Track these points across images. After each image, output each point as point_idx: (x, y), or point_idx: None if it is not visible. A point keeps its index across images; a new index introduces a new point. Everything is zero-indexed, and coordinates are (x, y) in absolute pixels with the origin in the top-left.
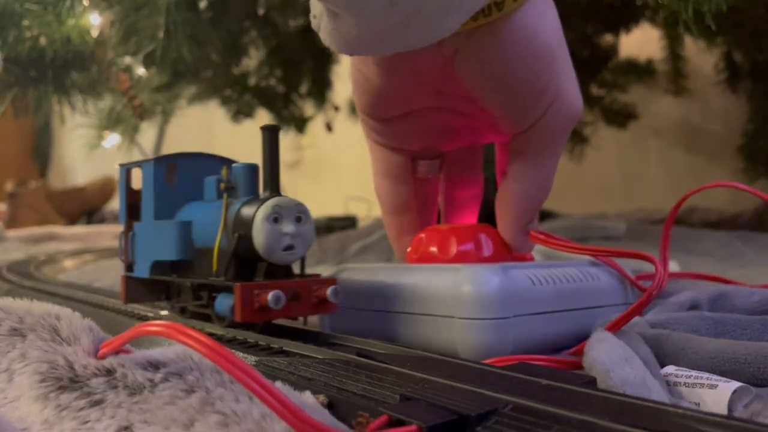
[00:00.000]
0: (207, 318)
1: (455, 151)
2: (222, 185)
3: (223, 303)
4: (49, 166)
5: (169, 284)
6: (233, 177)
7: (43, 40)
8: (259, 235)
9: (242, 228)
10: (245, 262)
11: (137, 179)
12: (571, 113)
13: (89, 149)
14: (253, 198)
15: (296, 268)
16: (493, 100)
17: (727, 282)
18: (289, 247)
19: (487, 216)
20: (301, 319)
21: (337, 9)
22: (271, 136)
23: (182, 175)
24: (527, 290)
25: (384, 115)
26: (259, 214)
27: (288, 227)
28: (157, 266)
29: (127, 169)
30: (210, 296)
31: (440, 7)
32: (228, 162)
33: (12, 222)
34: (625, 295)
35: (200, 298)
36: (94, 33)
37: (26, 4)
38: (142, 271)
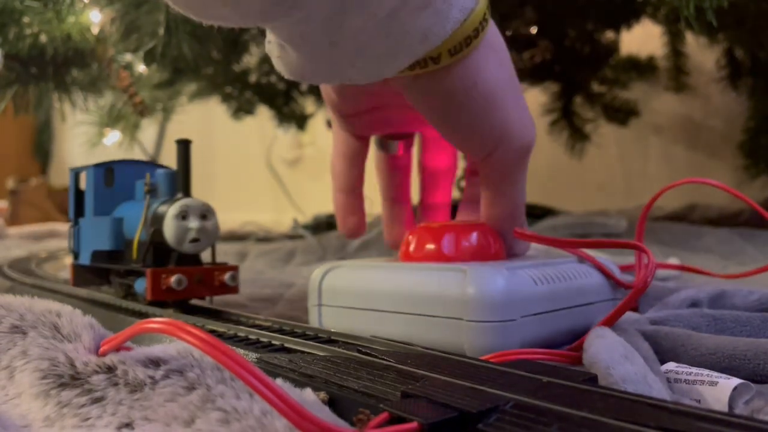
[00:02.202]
0: (134, 298)
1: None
2: (146, 188)
3: (141, 284)
4: (50, 163)
5: (107, 270)
6: (155, 181)
7: (43, 38)
8: (169, 230)
9: (156, 223)
10: (160, 251)
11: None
12: (522, 147)
13: (90, 146)
14: (168, 199)
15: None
16: (441, 133)
17: (703, 273)
18: (195, 240)
19: None
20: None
21: (281, 42)
22: (184, 149)
23: (119, 178)
24: (531, 290)
25: (347, 111)
26: (169, 212)
27: (193, 223)
28: (97, 255)
29: (76, 173)
30: (135, 279)
31: (380, 52)
32: (158, 167)
33: (13, 219)
34: (615, 291)
35: (128, 281)
36: (95, 30)
37: (26, 1)
38: (85, 259)
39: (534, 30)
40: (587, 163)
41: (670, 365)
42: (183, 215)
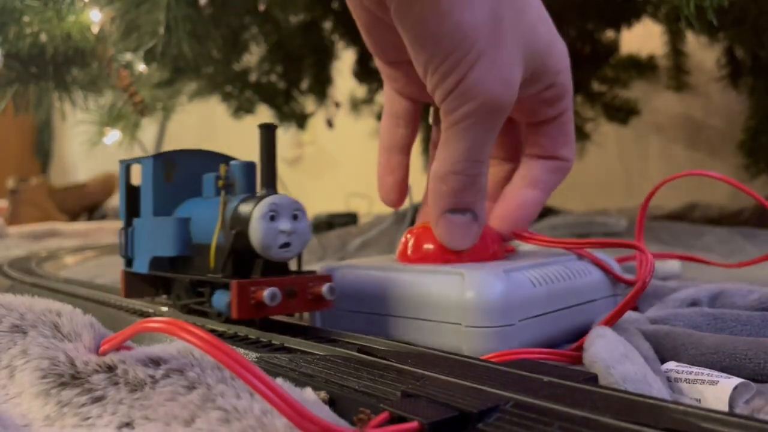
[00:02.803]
0: (204, 314)
1: None
2: (220, 182)
3: (221, 299)
4: (50, 162)
5: (168, 280)
6: (231, 174)
7: (43, 37)
8: (256, 233)
9: (239, 225)
10: (242, 258)
11: (137, 175)
12: (488, 102)
13: (90, 146)
14: (251, 196)
15: (293, 265)
16: (414, 60)
17: (705, 263)
18: (285, 245)
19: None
20: (297, 314)
21: None
22: (267, 134)
23: (181, 172)
24: (529, 293)
25: (387, 58)
26: (255, 212)
27: (284, 225)
28: (156, 262)
29: (126, 166)
30: (211, 292)
31: None
32: (226, 159)
33: (13, 218)
34: (615, 287)
35: (199, 294)
36: (95, 29)
37: (26, 0)
38: (141, 266)
39: None
40: (587, 162)
41: (671, 364)
42: (272, 215)
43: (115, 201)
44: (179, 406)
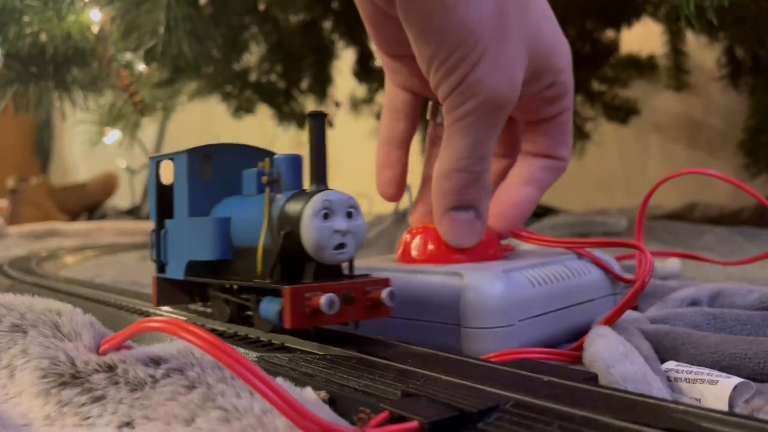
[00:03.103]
0: (247, 322)
1: None
2: (264, 178)
3: (270, 307)
4: (50, 162)
5: (205, 286)
6: (276, 169)
7: (43, 36)
8: (309, 233)
9: (288, 225)
10: (291, 262)
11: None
12: (490, 99)
13: (90, 145)
14: (299, 192)
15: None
16: (417, 56)
17: (705, 261)
18: (340, 246)
19: None
20: (350, 323)
21: None
22: (317, 124)
23: (217, 167)
24: (528, 293)
25: (392, 51)
26: (307, 210)
27: (339, 223)
28: (194, 266)
29: (157, 162)
30: (256, 299)
31: None
32: (265, 153)
33: (13, 218)
34: (615, 286)
35: (242, 301)
36: (95, 29)
37: (27, 0)
38: (176, 271)
39: None
40: (587, 161)
41: (671, 364)
42: (325, 213)
43: (115, 200)
44: (179, 405)
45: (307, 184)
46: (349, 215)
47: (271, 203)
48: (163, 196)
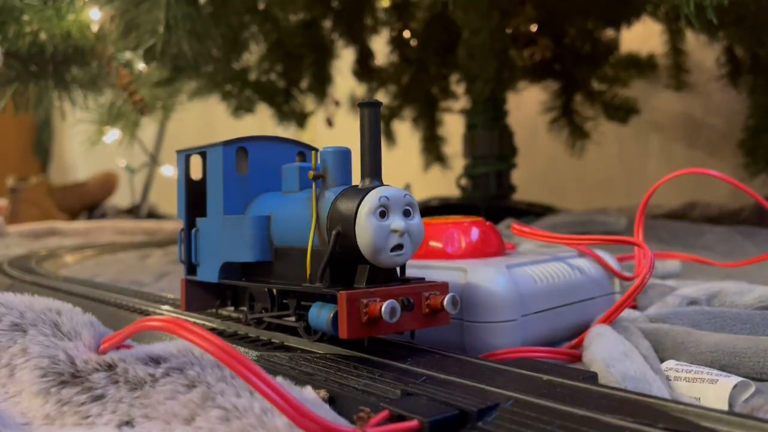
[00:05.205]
0: (288, 330)
1: None
2: (310, 173)
3: (321, 315)
4: (49, 161)
5: (239, 290)
6: (324, 163)
7: (43, 36)
8: (365, 233)
9: (340, 224)
10: (341, 264)
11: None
12: None
13: (90, 144)
14: (350, 188)
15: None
16: None
17: (705, 263)
18: (398, 247)
19: (488, 214)
20: (406, 333)
21: None
22: (371, 114)
23: (252, 162)
24: (531, 289)
25: None
26: (363, 208)
27: (396, 223)
28: (229, 268)
29: (186, 156)
30: (298, 304)
31: None
32: (304, 146)
33: (13, 217)
34: (615, 285)
35: (284, 306)
36: (95, 28)
37: None
38: (209, 274)
39: (534, 28)
40: (587, 161)
41: (670, 363)
42: (382, 211)
43: (114, 200)
44: (179, 404)
45: (355, 180)
46: (407, 213)
47: (318, 200)
48: (194, 193)
